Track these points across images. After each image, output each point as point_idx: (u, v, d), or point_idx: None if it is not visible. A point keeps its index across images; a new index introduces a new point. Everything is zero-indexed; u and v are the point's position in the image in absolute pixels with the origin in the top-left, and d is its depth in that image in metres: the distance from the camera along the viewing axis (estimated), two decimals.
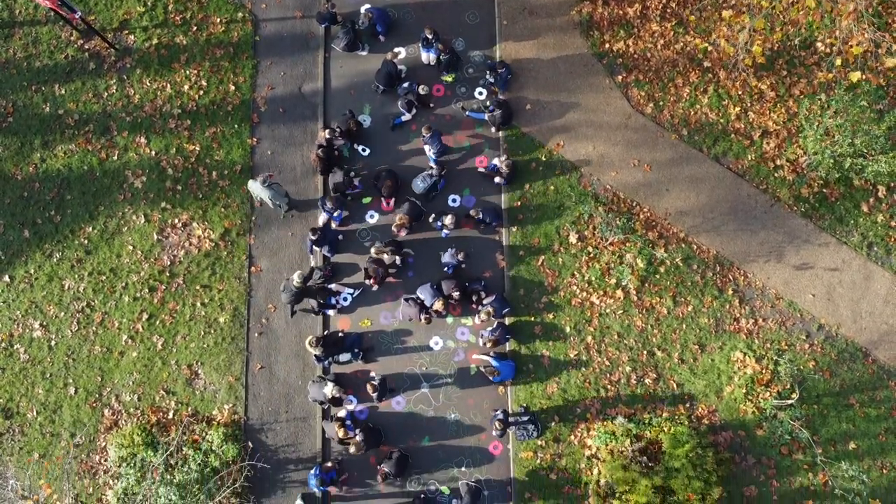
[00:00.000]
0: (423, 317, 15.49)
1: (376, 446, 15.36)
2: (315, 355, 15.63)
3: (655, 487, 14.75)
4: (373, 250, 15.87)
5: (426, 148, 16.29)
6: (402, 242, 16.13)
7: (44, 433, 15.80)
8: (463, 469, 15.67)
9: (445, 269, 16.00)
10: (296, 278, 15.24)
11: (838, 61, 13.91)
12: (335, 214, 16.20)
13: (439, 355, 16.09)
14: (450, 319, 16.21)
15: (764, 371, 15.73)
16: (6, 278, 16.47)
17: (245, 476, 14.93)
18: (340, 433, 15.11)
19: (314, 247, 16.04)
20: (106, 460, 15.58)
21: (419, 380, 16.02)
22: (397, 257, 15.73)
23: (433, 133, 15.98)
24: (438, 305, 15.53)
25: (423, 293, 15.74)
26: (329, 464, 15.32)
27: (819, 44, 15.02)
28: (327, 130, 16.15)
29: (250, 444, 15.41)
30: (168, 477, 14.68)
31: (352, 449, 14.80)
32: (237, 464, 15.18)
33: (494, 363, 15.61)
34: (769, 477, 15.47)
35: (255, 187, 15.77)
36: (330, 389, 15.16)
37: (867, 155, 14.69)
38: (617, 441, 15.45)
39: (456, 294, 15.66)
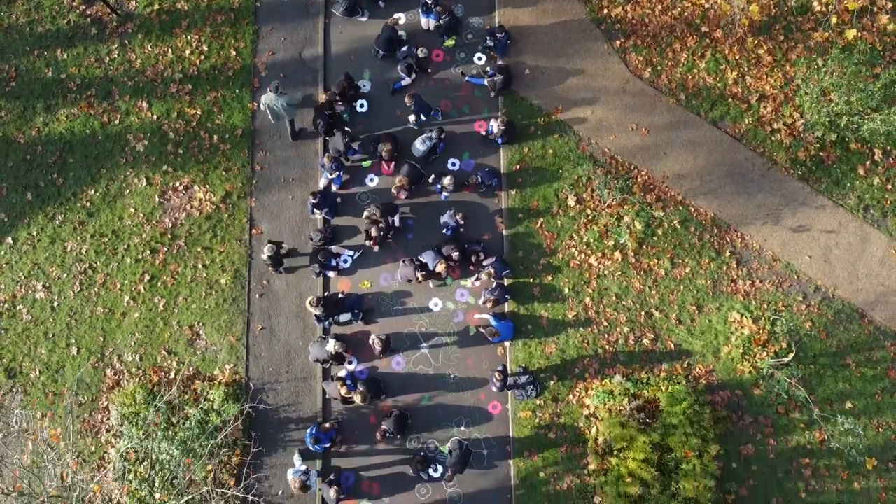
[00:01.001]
0: (419, 274, 15.59)
1: (378, 395, 15.52)
2: (315, 315, 15.75)
3: (653, 444, 14.88)
4: (365, 213, 16.00)
5: (411, 118, 16.44)
6: (396, 206, 16.22)
7: (46, 392, 15.92)
8: (462, 428, 15.79)
9: (444, 230, 16.12)
10: (266, 250, 15.64)
11: (834, 19, 14.06)
12: (335, 177, 16.32)
13: (439, 316, 16.22)
14: (449, 281, 16.34)
15: (761, 331, 15.85)
16: (9, 240, 16.60)
17: (246, 433, 15.05)
18: (343, 391, 15.25)
19: (315, 210, 16.17)
20: (108, 419, 15.71)
21: (419, 340, 16.15)
22: (396, 217, 15.85)
23: (416, 100, 16.13)
24: (440, 268, 15.65)
25: (426, 256, 15.85)
26: (327, 424, 15.45)
27: (815, 3, 15.13)
28: (328, 92, 16.25)
29: (250, 409, 15.53)
30: (170, 433, 14.79)
31: (358, 399, 14.95)
32: (238, 421, 15.32)
33: (493, 323, 15.73)
34: (766, 435, 15.60)
35: (269, 99, 15.82)
36: (332, 346, 15.28)
37: (863, 113, 14.80)
38: (615, 400, 15.58)
39: (455, 255, 15.78)
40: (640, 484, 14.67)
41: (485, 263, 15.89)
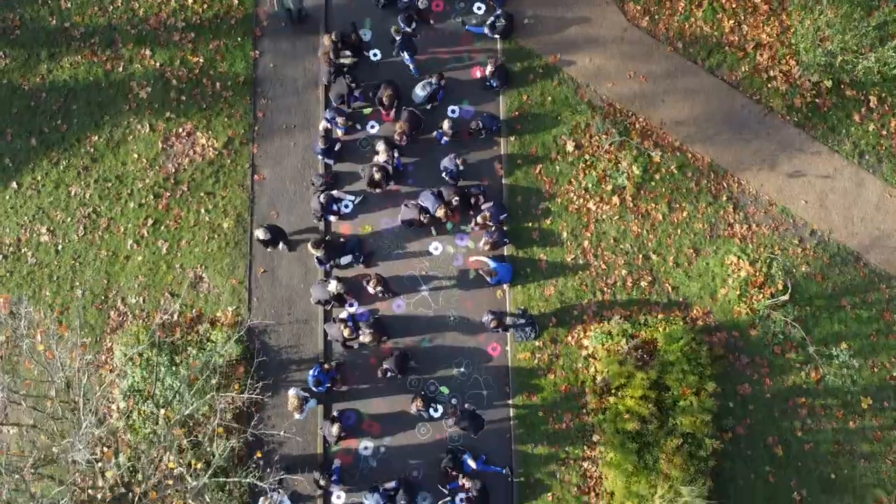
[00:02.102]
0: (422, 217, 15.78)
1: (384, 334, 15.74)
2: (317, 258, 15.93)
3: (651, 382, 15.05)
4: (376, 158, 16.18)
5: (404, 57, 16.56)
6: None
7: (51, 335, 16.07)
8: (462, 369, 15.98)
9: (444, 173, 16.28)
10: (259, 233, 15.65)
11: None
12: (338, 124, 16.48)
13: (439, 260, 16.40)
14: (449, 226, 16.51)
15: (757, 273, 16.04)
16: (14, 185, 16.78)
17: (248, 374, 15.24)
18: (346, 332, 15.42)
19: (322, 153, 16.29)
20: (112, 360, 15.88)
21: (419, 283, 16.33)
22: (395, 151, 16.03)
23: (401, 38, 16.26)
24: (440, 212, 15.82)
25: (426, 200, 16.02)
26: (326, 365, 15.63)
27: None
28: (333, 33, 16.36)
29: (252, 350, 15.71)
30: (174, 369, 14.97)
31: (366, 339, 15.13)
32: (241, 363, 15.52)
33: (492, 264, 15.92)
34: (762, 375, 15.79)
35: None
36: (334, 286, 15.46)
37: (858, 53, 14.98)
38: (613, 340, 15.76)
39: (456, 200, 15.95)
40: (638, 420, 14.86)
41: (483, 207, 16.07)
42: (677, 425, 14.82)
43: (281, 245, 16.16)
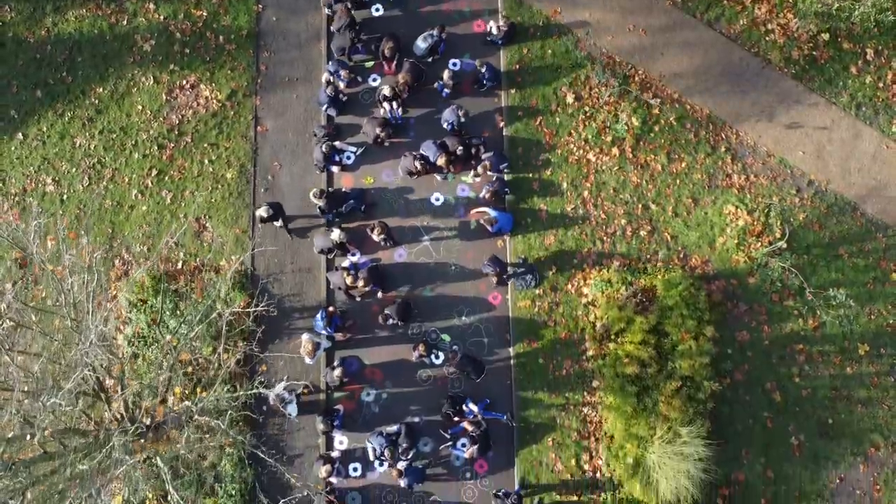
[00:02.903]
0: (418, 164, 15.89)
1: (382, 282, 15.90)
2: (319, 207, 16.08)
3: (650, 327, 15.21)
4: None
5: None
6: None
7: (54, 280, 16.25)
8: (464, 318, 16.14)
9: (445, 124, 16.44)
10: (262, 210, 15.63)
11: None
12: (342, 77, 16.62)
13: (440, 210, 16.56)
14: (450, 177, 16.68)
15: (755, 222, 16.20)
16: (19, 136, 16.94)
17: (253, 319, 15.40)
18: (348, 280, 15.57)
19: (327, 103, 16.42)
20: (117, 307, 16.04)
21: (420, 233, 16.49)
22: (396, 104, 16.19)
23: None
24: (441, 161, 15.97)
25: (427, 149, 16.17)
26: (332, 308, 15.80)
27: None
28: None
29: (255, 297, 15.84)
30: (178, 313, 15.13)
31: (360, 283, 15.29)
32: (244, 308, 15.67)
33: (493, 213, 16.07)
34: (760, 323, 15.95)
35: None
36: (337, 235, 15.62)
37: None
38: (612, 288, 15.92)
39: (459, 149, 16.09)
40: (637, 364, 15.02)
41: (483, 157, 16.22)
42: (676, 369, 14.98)
43: (280, 222, 16.16)
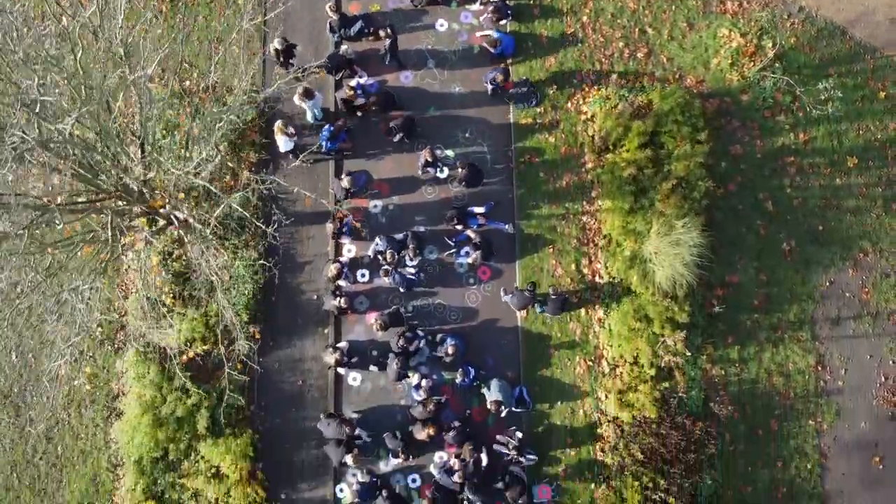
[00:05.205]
0: None
1: (393, 105, 16.51)
2: (329, 25, 16.64)
3: (647, 137, 15.75)
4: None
5: None
6: None
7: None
8: (467, 135, 16.72)
9: None
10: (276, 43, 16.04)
11: None
12: None
13: (444, 35, 17.15)
14: (454, 5, 17.28)
15: (748, 44, 16.79)
16: None
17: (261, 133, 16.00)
18: (349, 93, 16.15)
19: None
20: (133, 124, 16.58)
21: (425, 56, 17.08)
22: None
23: None
24: None
25: None
26: (340, 122, 16.38)
27: None
28: None
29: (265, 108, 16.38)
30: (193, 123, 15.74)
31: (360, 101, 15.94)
32: (256, 122, 16.31)
33: (496, 34, 16.68)
34: (753, 137, 16.55)
35: None
36: (344, 49, 16.20)
37: None
38: (610, 103, 16.50)
39: None
40: (634, 167, 15.61)
41: None
42: (672, 171, 15.56)
43: (292, 61, 16.54)
